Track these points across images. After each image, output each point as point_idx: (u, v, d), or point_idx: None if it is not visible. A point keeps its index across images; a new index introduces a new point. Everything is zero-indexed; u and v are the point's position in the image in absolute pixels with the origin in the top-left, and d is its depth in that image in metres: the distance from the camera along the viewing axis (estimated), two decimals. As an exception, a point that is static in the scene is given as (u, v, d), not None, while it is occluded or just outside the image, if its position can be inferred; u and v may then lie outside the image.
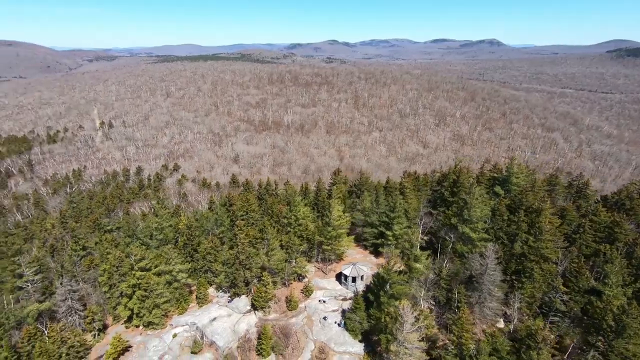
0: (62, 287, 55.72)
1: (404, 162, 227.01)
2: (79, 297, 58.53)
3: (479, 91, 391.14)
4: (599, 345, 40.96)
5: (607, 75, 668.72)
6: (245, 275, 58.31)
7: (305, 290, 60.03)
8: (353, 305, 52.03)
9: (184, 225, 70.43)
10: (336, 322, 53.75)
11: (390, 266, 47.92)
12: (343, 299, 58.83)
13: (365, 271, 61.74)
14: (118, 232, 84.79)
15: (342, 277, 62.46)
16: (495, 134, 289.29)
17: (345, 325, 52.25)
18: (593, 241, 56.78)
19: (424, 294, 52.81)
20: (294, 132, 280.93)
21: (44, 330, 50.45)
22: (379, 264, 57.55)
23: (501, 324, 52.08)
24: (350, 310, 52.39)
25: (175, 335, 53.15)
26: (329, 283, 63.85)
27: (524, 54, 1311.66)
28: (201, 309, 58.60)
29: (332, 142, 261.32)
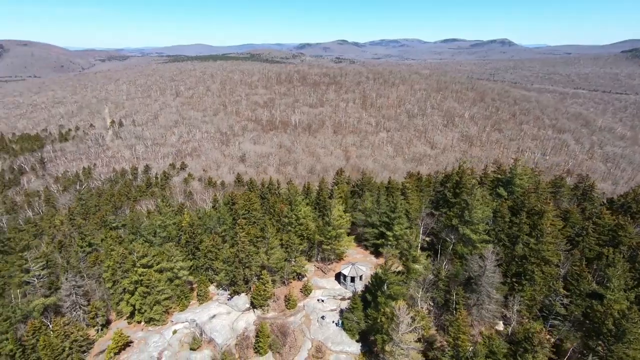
0: (67, 283, 57.15)
1: (411, 163, 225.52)
2: (84, 293, 59.88)
3: (489, 91, 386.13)
4: (598, 349, 40.36)
5: (621, 75, 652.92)
6: (245, 273, 58.92)
7: (304, 290, 60.32)
8: (351, 305, 52.18)
9: (186, 223, 71.40)
10: (334, 321, 53.90)
11: (388, 266, 47.85)
12: (342, 299, 58.95)
13: (365, 271, 61.77)
14: (124, 229, 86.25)
15: (341, 276, 62.58)
16: (505, 135, 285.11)
17: (342, 324, 52.36)
18: (596, 244, 55.74)
19: (422, 295, 52.63)
20: (301, 131, 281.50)
21: (49, 324, 51.80)
22: (378, 264, 57.41)
23: (500, 327, 51.63)
24: (348, 310, 52.52)
25: (175, 332, 53.94)
26: (328, 283, 64.04)
27: (536, 54, 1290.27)
28: (201, 306, 59.32)
29: (339, 142, 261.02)
